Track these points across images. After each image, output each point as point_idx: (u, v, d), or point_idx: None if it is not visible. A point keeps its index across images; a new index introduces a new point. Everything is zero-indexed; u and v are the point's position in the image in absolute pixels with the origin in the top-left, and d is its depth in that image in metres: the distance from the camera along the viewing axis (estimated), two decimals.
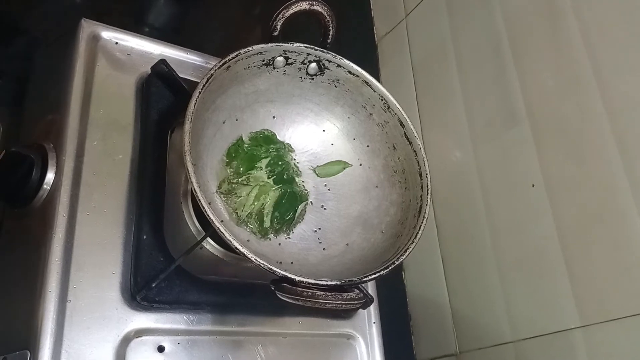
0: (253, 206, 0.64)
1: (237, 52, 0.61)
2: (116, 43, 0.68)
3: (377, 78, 0.68)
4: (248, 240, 0.62)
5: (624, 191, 0.61)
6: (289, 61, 0.66)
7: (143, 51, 0.70)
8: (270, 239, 0.64)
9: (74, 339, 0.53)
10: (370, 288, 0.72)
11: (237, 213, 0.63)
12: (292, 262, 0.64)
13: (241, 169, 0.65)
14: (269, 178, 0.66)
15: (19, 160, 0.61)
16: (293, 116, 0.72)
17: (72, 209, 0.58)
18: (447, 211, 0.86)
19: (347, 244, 0.66)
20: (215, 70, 0.59)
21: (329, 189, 0.72)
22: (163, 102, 0.67)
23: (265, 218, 0.64)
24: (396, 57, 1.01)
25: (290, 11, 0.64)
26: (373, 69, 1.03)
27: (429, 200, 0.62)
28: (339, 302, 0.53)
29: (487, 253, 0.77)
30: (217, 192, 0.63)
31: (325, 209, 0.70)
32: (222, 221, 0.53)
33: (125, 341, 0.56)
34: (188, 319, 0.60)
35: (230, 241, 0.52)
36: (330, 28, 0.66)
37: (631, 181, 0.60)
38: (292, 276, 0.52)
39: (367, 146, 0.71)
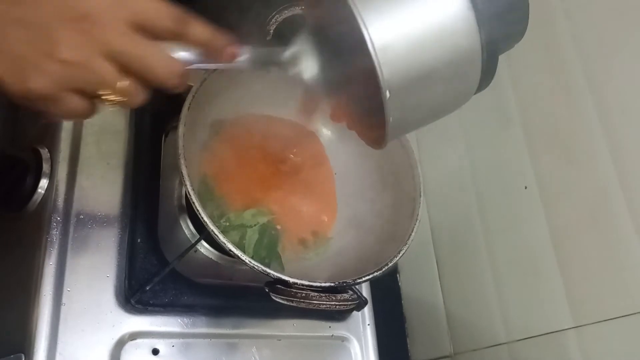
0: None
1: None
2: None
3: None
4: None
5: (615, 192, 0.61)
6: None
7: None
8: None
9: (68, 342, 0.53)
10: (365, 290, 0.72)
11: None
12: (286, 264, 0.64)
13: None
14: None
15: (14, 164, 0.61)
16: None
17: (67, 213, 0.58)
18: (441, 213, 0.86)
19: (340, 246, 0.67)
20: (209, 74, 0.59)
21: None
22: (157, 106, 0.67)
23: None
24: None
25: (284, 15, 0.64)
26: None
27: (421, 202, 0.63)
28: (333, 302, 0.54)
29: (481, 254, 0.78)
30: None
31: None
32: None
33: (120, 344, 0.56)
34: (182, 322, 0.60)
35: (224, 243, 0.52)
36: None
37: (622, 182, 0.61)
38: (286, 278, 0.53)
39: (360, 149, 0.71)
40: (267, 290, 0.54)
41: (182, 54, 0.40)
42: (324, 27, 0.46)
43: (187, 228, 0.66)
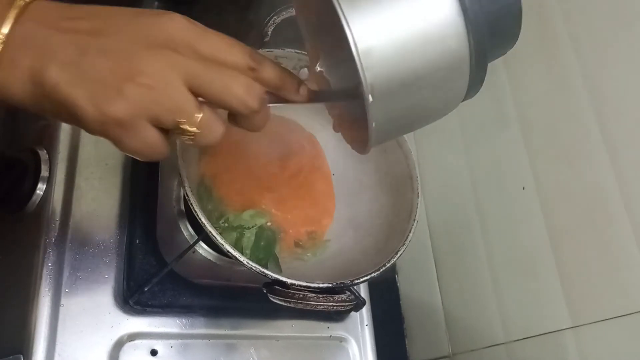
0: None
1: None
2: None
3: None
4: None
5: (613, 192, 0.61)
6: None
7: None
8: None
9: (67, 343, 0.53)
10: (363, 290, 0.73)
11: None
12: (283, 265, 0.64)
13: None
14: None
15: (12, 166, 0.61)
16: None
17: (65, 214, 0.58)
18: (440, 213, 0.86)
19: (338, 247, 0.67)
20: None
21: None
22: None
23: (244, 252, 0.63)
24: None
25: (282, 17, 0.64)
26: None
27: (419, 203, 0.63)
28: (331, 303, 0.54)
29: (479, 255, 0.78)
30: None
31: None
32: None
33: (118, 345, 0.56)
34: (181, 323, 0.60)
35: (222, 245, 0.52)
36: None
37: (620, 182, 0.61)
38: (284, 279, 0.53)
39: None
40: (264, 291, 0.54)
41: None
42: (313, 30, 0.46)
43: (186, 229, 0.66)
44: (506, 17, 0.41)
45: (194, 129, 0.37)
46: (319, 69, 0.44)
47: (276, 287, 0.53)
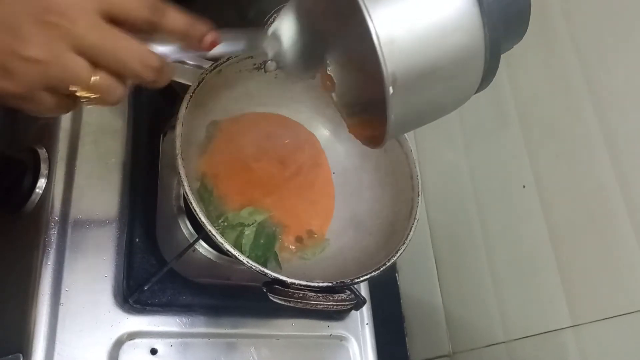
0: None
1: (228, 56, 0.61)
2: None
3: None
4: None
5: (613, 191, 0.61)
6: (280, 65, 0.66)
7: None
8: None
9: (66, 342, 0.53)
10: (363, 289, 0.72)
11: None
12: (283, 264, 0.64)
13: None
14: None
15: (12, 165, 0.61)
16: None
17: (65, 213, 0.58)
18: (440, 212, 0.86)
19: (339, 246, 0.67)
20: (207, 74, 0.59)
21: None
22: (154, 105, 0.67)
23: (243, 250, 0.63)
24: None
25: None
26: None
27: (419, 202, 0.63)
28: (330, 303, 0.54)
29: (479, 254, 0.78)
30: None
31: None
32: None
33: (118, 344, 0.56)
34: (181, 322, 0.60)
35: (222, 244, 0.52)
36: None
37: (620, 181, 0.61)
38: (284, 278, 0.53)
39: (359, 149, 0.71)
40: (264, 290, 0.54)
41: (159, 48, 0.39)
42: (319, 16, 0.46)
43: (186, 228, 0.66)
44: (517, 10, 0.41)
45: (91, 94, 0.36)
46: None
47: (276, 286, 0.53)
